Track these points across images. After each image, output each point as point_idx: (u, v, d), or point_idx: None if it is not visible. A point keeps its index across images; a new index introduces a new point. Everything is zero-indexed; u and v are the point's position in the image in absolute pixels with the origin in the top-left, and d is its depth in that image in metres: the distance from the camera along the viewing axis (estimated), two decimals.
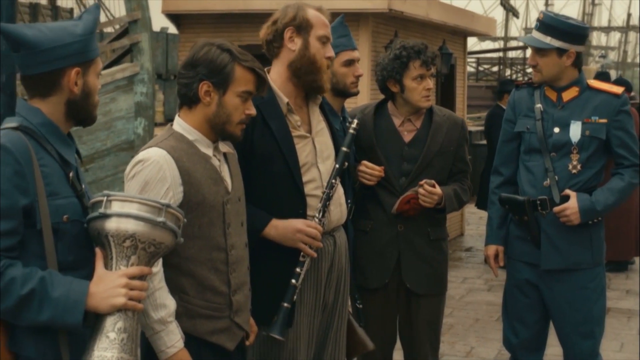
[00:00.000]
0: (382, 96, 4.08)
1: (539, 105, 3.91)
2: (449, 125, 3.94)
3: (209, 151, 2.78)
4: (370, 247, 3.89)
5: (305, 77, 3.19)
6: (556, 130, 3.86)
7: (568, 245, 3.86)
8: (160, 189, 2.61)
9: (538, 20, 3.88)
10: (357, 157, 3.92)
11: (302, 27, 3.18)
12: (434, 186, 3.76)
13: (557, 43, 3.79)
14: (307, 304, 3.18)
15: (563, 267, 3.87)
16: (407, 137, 3.92)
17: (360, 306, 3.76)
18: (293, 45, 3.18)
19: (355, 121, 3.48)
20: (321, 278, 3.21)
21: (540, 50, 3.85)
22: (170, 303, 2.58)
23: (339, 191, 3.31)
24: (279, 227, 3.10)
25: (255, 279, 2.98)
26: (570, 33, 3.81)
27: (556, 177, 3.83)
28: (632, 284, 8.11)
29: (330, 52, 3.25)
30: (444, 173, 3.92)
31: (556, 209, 3.80)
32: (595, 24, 63.27)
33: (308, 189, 3.17)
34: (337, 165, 3.26)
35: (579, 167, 3.84)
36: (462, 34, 10.85)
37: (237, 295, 2.80)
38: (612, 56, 64.46)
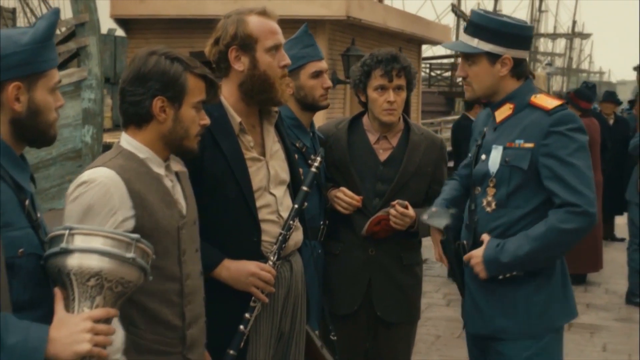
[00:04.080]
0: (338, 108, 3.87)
1: (485, 128, 3.19)
2: (427, 144, 3.73)
3: (161, 171, 2.53)
4: (340, 271, 3.69)
5: (259, 96, 2.97)
6: (482, 157, 3.11)
7: (488, 306, 3.07)
8: (105, 215, 2.35)
9: (467, 20, 3.28)
10: (328, 175, 3.72)
11: (246, 44, 2.91)
12: (406, 207, 3.56)
13: (486, 46, 3.01)
14: (262, 334, 2.99)
15: (487, 334, 3.10)
16: (383, 155, 3.71)
17: (335, 338, 3.53)
18: (240, 65, 2.93)
19: (318, 159, 3.24)
20: (277, 306, 3.03)
21: (469, 57, 3.06)
22: (116, 337, 2.31)
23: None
24: (232, 269, 2.88)
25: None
26: (502, 33, 3.00)
27: (476, 217, 3.08)
28: (592, 297, 8.05)
29: (284, 60, 2.99)
30: (420, 195, 3.72)
31: (465, 257, 3.06)
32: (542, 30, 64.44)
33: (262, 214, 2.96)
34: (296, 206, 3.04)
35: (493, 204, 3.00)
36: (417, 42, 10.83)
37: (191, 329, 2.58)
38: (559, 63, 65.61)
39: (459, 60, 3.31)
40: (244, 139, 2.97)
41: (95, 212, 2.34)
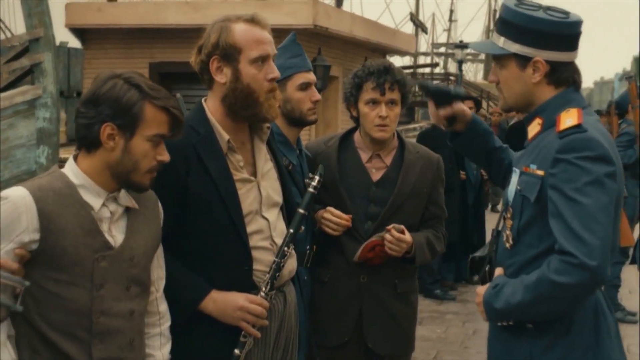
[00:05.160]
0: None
1: None
2: (423, 163, 3.50)
3: (96, 200, 2.39)
4: (329, 300, 3.46)
5: (243, 111, 2.74)
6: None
7: (495, 351, 2.70)
8: (12, 232, 2.26)
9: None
10: (316, 196, 3.43)
11: (228, 54, 2.71)
12: (402, 232, 3.32)
13: (512, 47, 2.52)
14: None
15: None
16: (376, 175, 3.47)
17: None
18: (222, 77, 2.73)
19: (317, 178, 3.03)
20: (269, 340, 2.83)
21: (498, 60, 2.61)
22: None
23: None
24: (218, 302, 2.70)
25: (190, 356, 2.69)
26: (530, 30, 2.49)
27: (495, 247, 2.73)
28: None
29: (273, 73, 2.75)
30: (416, 218, 3.49)
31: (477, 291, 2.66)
32: None
33: (253, 241, 2.75)
34: (291, 231, 2.83)
35: (510, 239, 2.57)
36: (382, 51, 10.74)
37: None
38: None
39: (418, 70, 3.03)
40: (233, 158, 2.74)
41: (2, 229, 2.26)
